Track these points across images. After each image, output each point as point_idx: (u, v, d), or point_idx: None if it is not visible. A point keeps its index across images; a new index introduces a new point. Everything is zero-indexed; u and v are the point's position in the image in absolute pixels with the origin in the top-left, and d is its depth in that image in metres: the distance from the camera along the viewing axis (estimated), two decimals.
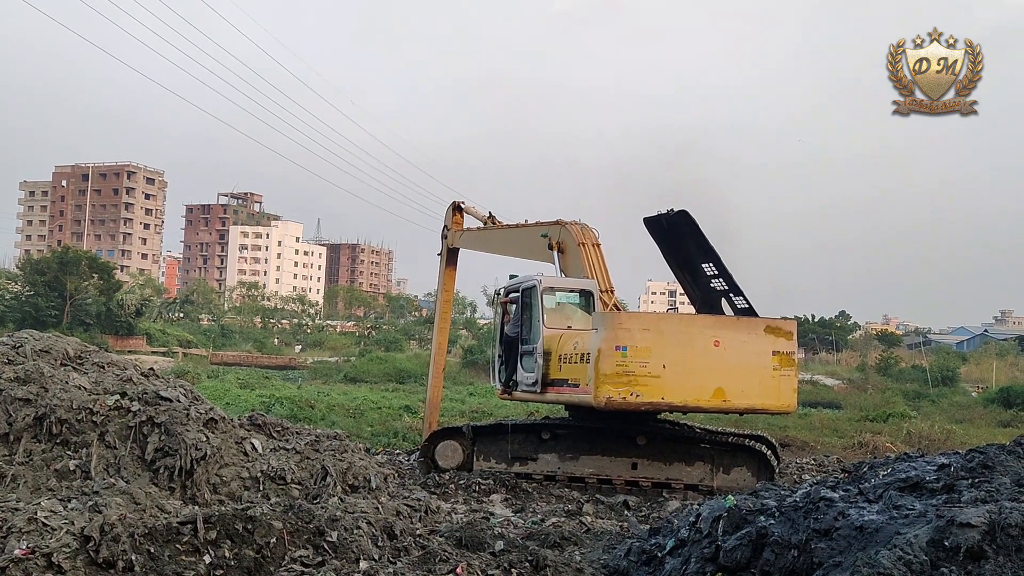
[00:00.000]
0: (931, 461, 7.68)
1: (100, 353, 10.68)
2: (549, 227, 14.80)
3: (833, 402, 36.54)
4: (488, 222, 17.15)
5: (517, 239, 16.02)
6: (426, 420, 17.73)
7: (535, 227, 15.30)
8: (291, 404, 23.31)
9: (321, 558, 7.04)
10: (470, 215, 17.62)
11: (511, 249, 16.44)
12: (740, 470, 13.33)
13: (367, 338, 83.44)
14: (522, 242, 15.87)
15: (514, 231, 16.10)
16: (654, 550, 7.66)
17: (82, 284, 69.31)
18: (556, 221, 14.76)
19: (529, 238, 15.38)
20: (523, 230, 15.76)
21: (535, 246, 15.09)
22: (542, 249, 14.80)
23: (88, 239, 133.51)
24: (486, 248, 17.38)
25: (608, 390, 11.74)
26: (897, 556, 5.07)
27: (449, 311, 19.00)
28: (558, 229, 14.56)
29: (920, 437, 20.61)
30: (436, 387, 17.99)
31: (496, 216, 17.19)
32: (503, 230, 16.59)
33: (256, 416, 10.86)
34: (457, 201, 17.89)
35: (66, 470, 8.31)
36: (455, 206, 17.80)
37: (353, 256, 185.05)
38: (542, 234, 14.83)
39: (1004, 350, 73.20)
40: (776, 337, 12.28)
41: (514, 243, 16.24)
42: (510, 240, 16.34)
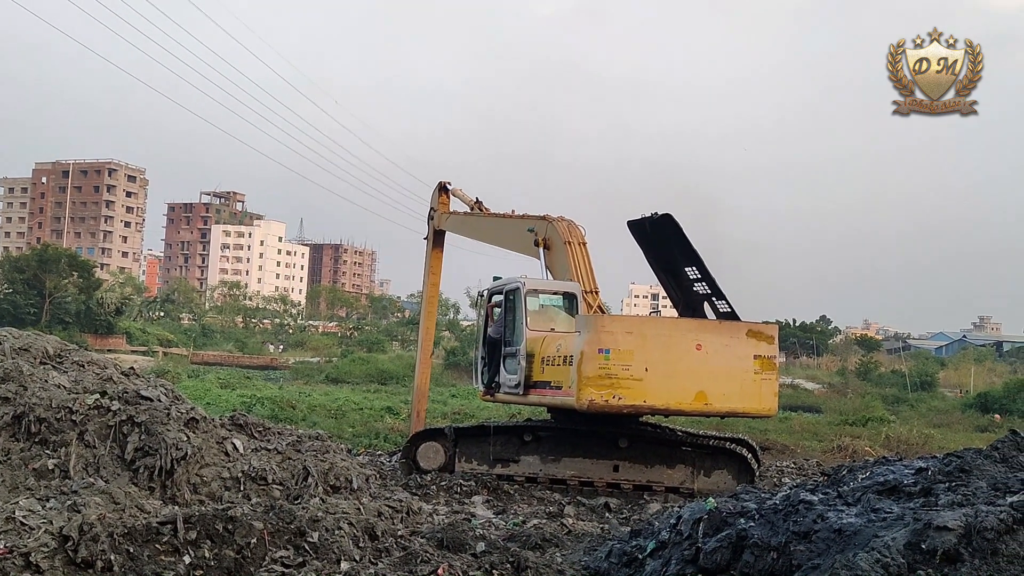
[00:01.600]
0: (909, 465, 7.76)
1: (80, 352, 10.61)
2: (536, 222, 14.79)
3: (813, 406, 36.71)
4: (475, 207, 17.10)
5: (503, 229, 16.02)
6: (413, 408, 17.72)
7: (522, 220, 15.30)
8: (272, 404, 23.19)
9: (302, 559, 7.03)
10: (457, 198, 17.60)
11: (497, 239, 16.42)
12: (721, 473, 13.39)
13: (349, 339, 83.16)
14: (508, 234, 15.86)
15: (501, 221, 16.09)
16: (635, 552, 7.69)
17: (62, 282, 68.76)
18: (543, 216, 14.74)
19: (516, 231, 15.37)
20: (510, 221, 15.76)
21: (521, 240, 15.08)
22: (528, 244, 14.79)
23: (68, 237, 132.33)
24: (472, 234, 17.36)
25: (590, 393, 11.77)
26: (875, 558, 5.13)
27: (436, 295, 18.97)
28: (545, 225, 14.55)
29: (899, 441, 20.77)
30: (424, 373, 17.97)
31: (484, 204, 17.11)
32: (490, 218, 16.55)
33: (237, 416, 10.80)
34: (443, 181, 17.87)
35: (45, 469, 8.24)
36: (441, 186, 17.82)
37: (336, 256, 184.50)
38: (528, 229, 14.83)
39: (982, 356, 73.93)
40: (758, 341, 12.35)
41: (500, 233, 16.24)
42: (496, 230, 16.33)
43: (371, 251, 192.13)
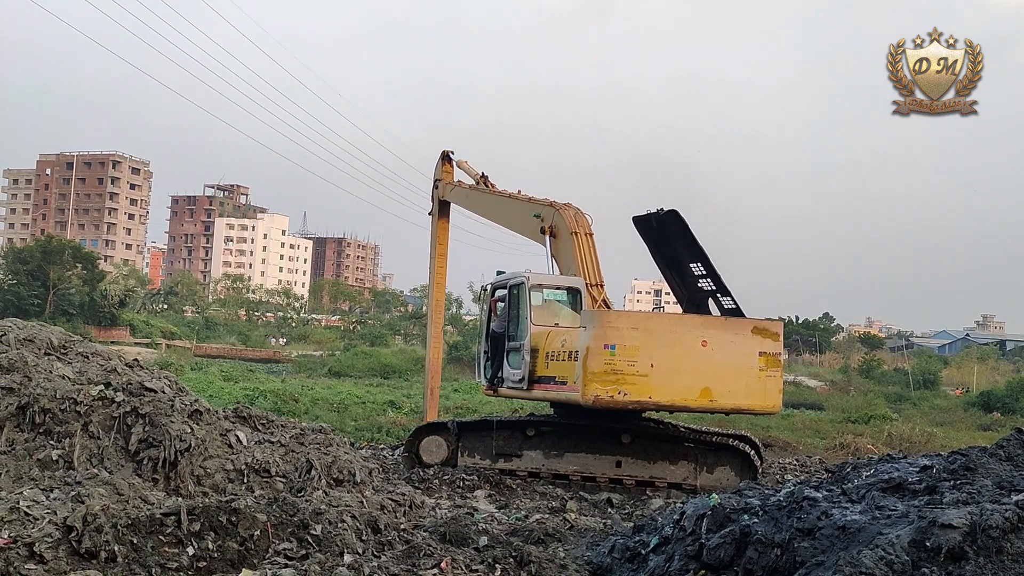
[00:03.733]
0: (914, 463, 7.75)
1: (84, 343, 10.62)
2: (543, 208, 14.65)
3: (816, 403, 36.71)
4: (481, 182, 16.95)
5: (509, 210, 15.89)
6: (426, 385, 17.72)
7: (528, 203, 15.17)
8: (275, 398, 23.22)
9: (305, 551, 7.03)
10: (462, 170, 17.47)
11: (502, 218, 16.29)
12: (723, 469, 13.39)
13: (352, 333, 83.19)
14: (514, 215, 15.73)
15: (507, 200, 15.95)
16: (638, 547, 7.69)
17: (65, 274, 68.75)
18: (551, 203, 14.59)
19: (522, 213, 15.25)
20: (516, 202, 15.62)
21: (527, 224, 14.97)
22: (534, 229, 14.66)
23: (72, 228, 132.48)
24: (476, 209, 17.20)
25: (596, 388, 11.75)
26: (879, 556, 5.11)
27: (444, 265, 18.76)
28: (551, 212, 14.39)
29: (901, 439, 20.75)
30: (436, 347, 17.92)
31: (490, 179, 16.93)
32: (496, 196, 16.39)
33: (241, 408, 10.81)
34: (447, 150, 17.81)
35: (49, 460, 8.24)
36: (444, 155, 17.77)
37: (339, 250, 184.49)
38: (535, 214, 14.69)
39: (985, 354, 73.73)
40: (763, 338, 12.33)
41: (506, 213, 16.10)
42: (502, 209, 16.19)
43: (374, 245, 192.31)
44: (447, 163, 17.85)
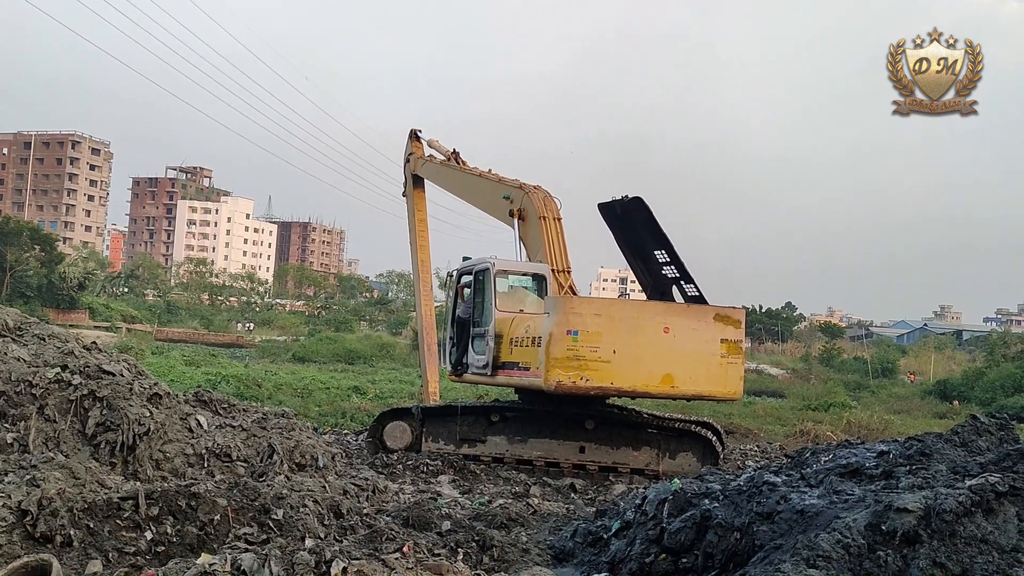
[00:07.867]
0: (871, 448, 7.87)
1: (41, 325, 10.41)
2: (512, 190, 14.63)
3: (777, 391, 37.23)
4: (452, 159, 16.92)
5: (479, 189, 15.88)
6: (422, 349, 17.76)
7: (498, 184, 15.15)
8: (238, 382, 23.01)
9: (266, 536, 6.97)
10: (433, 149, 17.53)
11: (472, 197, 16.30)
12: (686, 455, 13.51)
13: (317, 318, 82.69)
14: (483, 194, 15.73)
15: (477, 179, 15.92)
16: (600, 531, 7.74)
17: (23, 255, 67.52)
18: (520, 185, 14.58)
19: (492, 193, 15.25)
20: (486, 181, 15.61)
21: (496, 205, 14.95)
22: (502, 210, 14.64)
23: (30, 209, 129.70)
24: (446, 186, 17.20)
25: (558, 374, 11.79)
26: (836, 539, 5.19)
27: (426, 232, 18.68)
28: (521, 195, 14.36)
29: (859, 426, 21.10)
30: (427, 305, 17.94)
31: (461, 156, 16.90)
32: (466, 173, 16.35)
33: (202, 392, 10.69)
34: (414, 129, 17.97)
35: (3, 443, 8.07)
36: (413, 133, 17.94)
37: (304, 235, 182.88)
38: (504, 196, 14.68)
39: (942, 344, 75.10)
40: (725, 325, 12.44)
41: (475, 192, 16.12)
42: (472, 187, 16.18)
43: (340, 230, 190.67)
44: (416, 140, 17.89)
